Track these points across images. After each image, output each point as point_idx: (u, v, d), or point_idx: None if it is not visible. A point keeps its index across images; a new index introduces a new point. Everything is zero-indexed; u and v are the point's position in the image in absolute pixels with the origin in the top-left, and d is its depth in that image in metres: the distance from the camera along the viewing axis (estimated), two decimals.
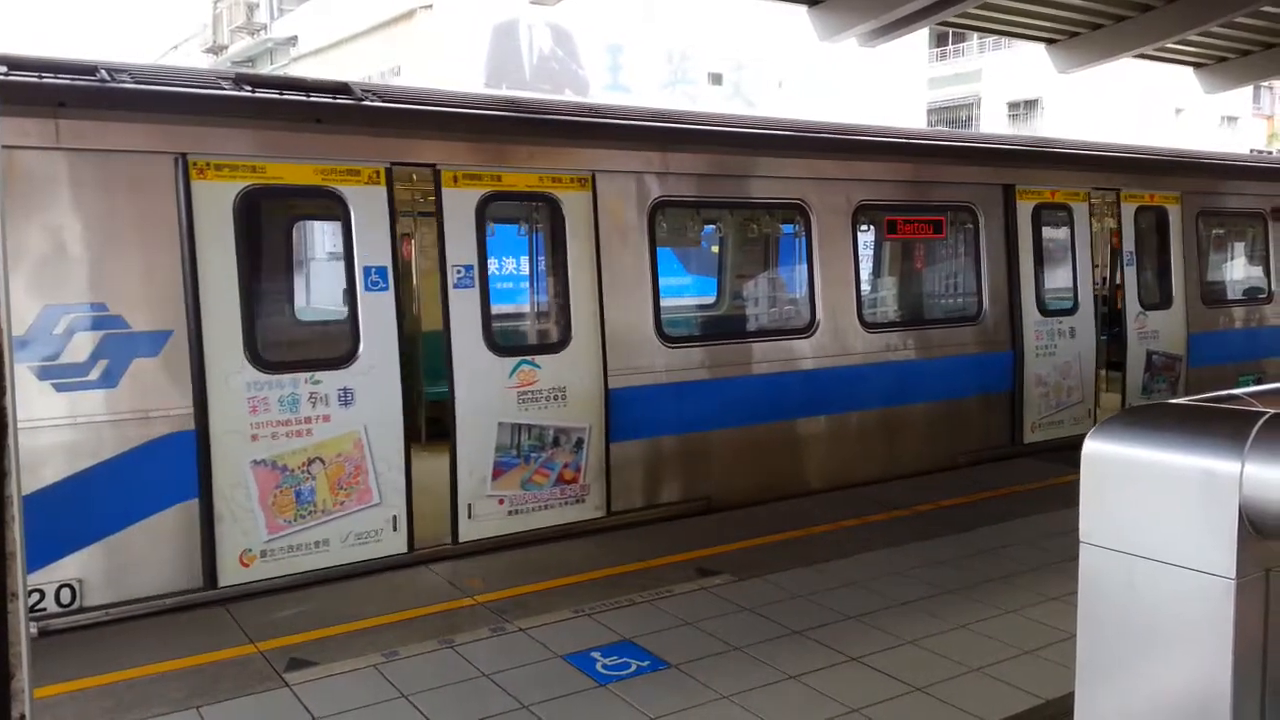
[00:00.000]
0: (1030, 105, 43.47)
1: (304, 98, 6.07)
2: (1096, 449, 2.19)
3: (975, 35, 42.32)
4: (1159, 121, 39.52)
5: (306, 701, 4.28)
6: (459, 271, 6.29)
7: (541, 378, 6.55)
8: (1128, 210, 9.91)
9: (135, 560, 5.42)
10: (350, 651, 4.78)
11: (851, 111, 23.74)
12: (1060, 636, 4.86)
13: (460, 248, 6.30)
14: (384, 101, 6.35)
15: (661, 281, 7.24)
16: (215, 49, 46.85)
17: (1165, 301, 10.27)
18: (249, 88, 5.99)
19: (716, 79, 35.01)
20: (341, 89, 6.29)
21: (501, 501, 6.46)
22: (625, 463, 6.98)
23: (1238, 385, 9.27)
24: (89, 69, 5.57)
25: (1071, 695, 2.23)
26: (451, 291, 6.27)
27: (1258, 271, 11.96)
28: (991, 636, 4.99)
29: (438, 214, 6.28)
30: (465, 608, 5.38)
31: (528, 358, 6.60)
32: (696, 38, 33.99)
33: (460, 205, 6.32)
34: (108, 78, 5.52)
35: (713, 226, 8.75)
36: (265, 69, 38.41)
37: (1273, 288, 11.59)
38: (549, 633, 5.01)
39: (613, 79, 32.72)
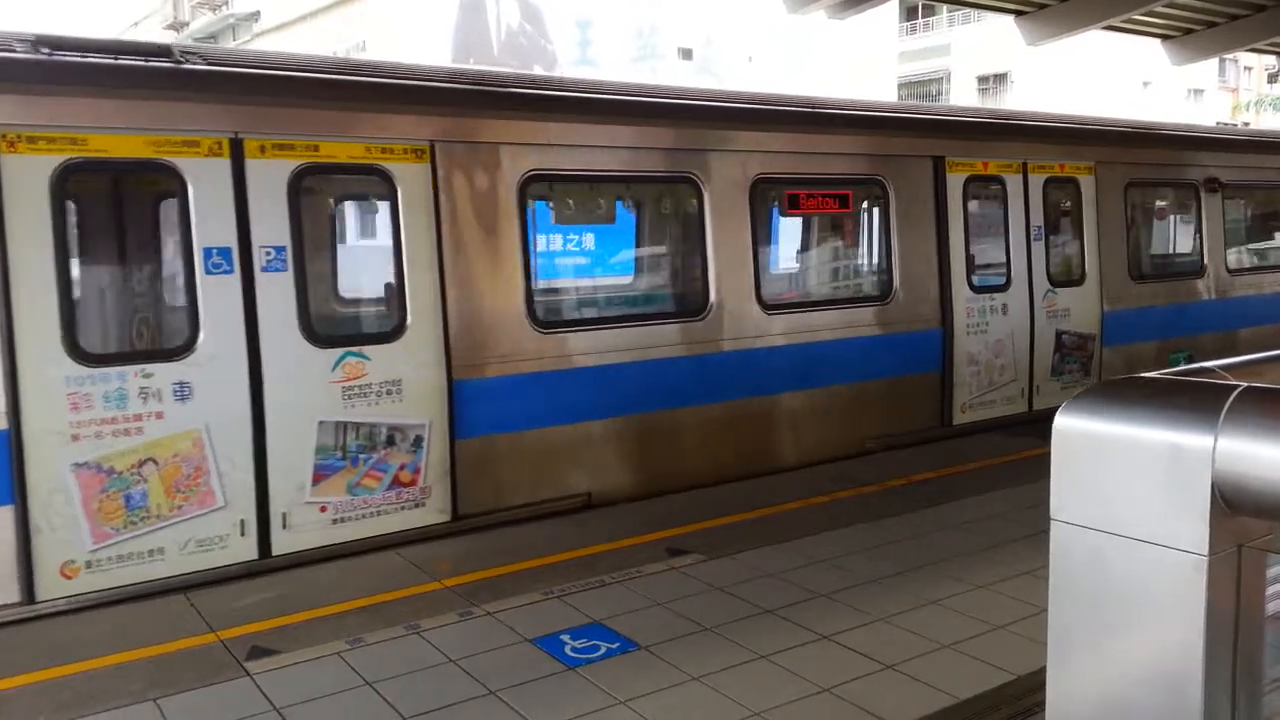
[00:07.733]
0: (1000, 79, 43.64)
1: (112, 61, 5.41)
2: (1067, 424, 2.14)
3: (945, 8, 42.42)
4: (1126, 94, 39.81)
5: (268, 691, 4.19)
6: (268, 253, 5.67)
7: (371, 370, 5.97)
8: (1035, 182, 9.25)
9: None
10: (314, 639, 4.69)
11: (822, 85, 23.67)
12: (1030, 611, 4.84)
13: (269, 226, 5.67)
14: (208, 65, 5.72)
15: (537, 262, 6.68)
16: (176, 25, 46.19)
17: (1077, 278, 9.69)
18: (46, 50, 5.27)
19: (686, 54, 34.86)
20: (162, 51, 5.69)
21: (324, 509, 5.87)
22: (478, 461, 6.42)
23: (1169, 364, 8.95)
24: None
25: (1043, 671, 2.20)
26: (259, 275, 5.63)
27: (1187, 245, 11.28)
28: (962, 612, 4.97)
29: (238, 187, 5.62)
30: (433, 592, 5.30)
31: (354, 349, 5.97)
32: (666, 12, 33.78)
33: (268, 178, 5.71)
34: None
35: (596, 203, 7.89)
36: (228, 45, 37.83)
37: (1205, 261, 10.90)
38: (518, 616, 4.94)
39: (581, 54, 32.49)
